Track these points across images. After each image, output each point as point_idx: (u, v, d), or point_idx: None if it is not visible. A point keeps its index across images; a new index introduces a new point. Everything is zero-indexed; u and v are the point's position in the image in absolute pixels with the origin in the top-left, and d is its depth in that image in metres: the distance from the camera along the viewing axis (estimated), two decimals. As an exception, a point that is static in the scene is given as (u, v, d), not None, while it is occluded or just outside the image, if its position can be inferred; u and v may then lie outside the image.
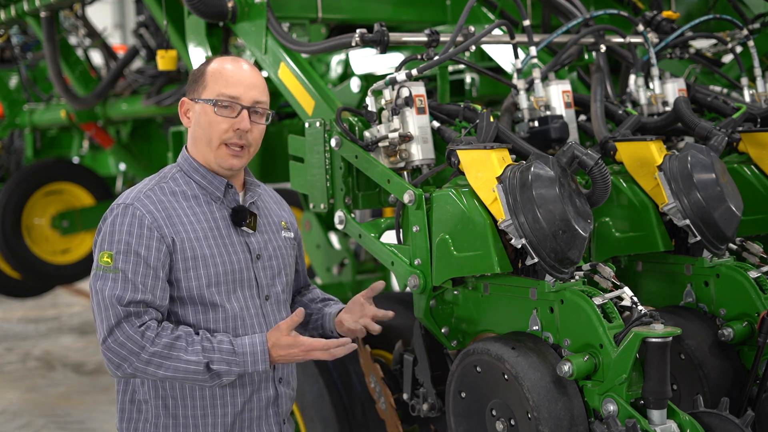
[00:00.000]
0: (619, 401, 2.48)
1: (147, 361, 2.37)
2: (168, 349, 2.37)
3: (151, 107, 6.09)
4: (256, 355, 2.43)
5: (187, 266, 2.47)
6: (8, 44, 8.26)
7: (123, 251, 2.42)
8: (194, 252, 2.47)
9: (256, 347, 2.44)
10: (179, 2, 4.17)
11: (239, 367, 2.43)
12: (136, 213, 2.45)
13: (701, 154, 3.02)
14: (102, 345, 2.40)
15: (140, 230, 2.43)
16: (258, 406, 2.58)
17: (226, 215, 2.57)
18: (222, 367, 2.41)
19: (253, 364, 2.43)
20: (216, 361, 2.40)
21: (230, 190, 2.59)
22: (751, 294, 2.96)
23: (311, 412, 3.77)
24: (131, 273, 2.40)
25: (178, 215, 2.49)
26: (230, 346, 2.42)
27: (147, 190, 2.52)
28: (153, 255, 2.43)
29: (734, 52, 3.94)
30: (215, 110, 2.51)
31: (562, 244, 2.59)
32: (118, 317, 2.37)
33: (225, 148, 2.54)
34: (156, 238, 2.44)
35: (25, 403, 6.88)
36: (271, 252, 2.65)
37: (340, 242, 5.43)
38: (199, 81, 2.56)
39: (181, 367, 2.38)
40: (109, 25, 18.04)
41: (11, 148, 8.60)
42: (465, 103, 3.27)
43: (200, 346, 2.40)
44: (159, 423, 2.51)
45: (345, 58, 5.32)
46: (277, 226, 2.72)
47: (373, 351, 3.43)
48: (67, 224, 7.85)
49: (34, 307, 10.60)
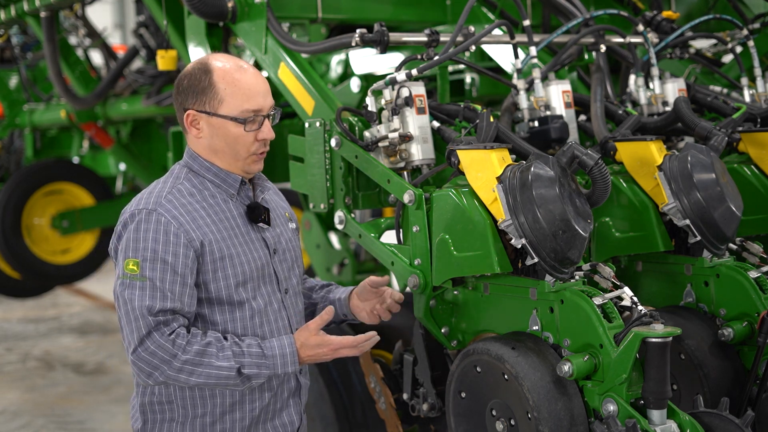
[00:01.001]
0: (619, 401, 2.48)
1: (179, 369, 2.38)
2: (200, 356, 2.38)
3: (151, 107, 6.09)
4: (285, 357, 2.44)
5: (216, 267, 2.47)
6: (8, 44, 8.25)
7: (150, 258, 2.40)
8: (222, 252, 2.47)
9: (285, 349, 2.45)
10: (179, 2, 4.17)
11: (269, 369, 2.44)
12: (161, 219, 2.43)
13: (701, 154, 3.02)
14: (132, 354, 2.38)
15: (166, 237, 2.41)
16: (281, 398, 2.61)
17: (242, 212, 2.57)
18: (252, 371, 2.42)
19: (283, 366, 2.45)
20: (247, 365, 2.41)
21: (244, 186, 2.59)
22: (751, 294, 2.96)
23: (311, 412, 3.77)
24: (159, 281, 2.38)
25: (201, 216, 2.48)
26: (259, 350, 2.43)
27: (167, 194, 2.49)
28: (180, 261, 2.41)
29: (734, 52, 3.94)
30: (245, 128, 2.49)
31: (562, 244, 2.59)
32: (149, 327, 2.36)
33: (252, 156, 2.55)
34: (183, 244, 2.42)
35: (25, 403, 6.88)
36: (284, 245, 2.66)
37: (340, 242, 5.43)
38: (209, 93, 2.49)
39: (213, 374, 2.39)
40: (109, 25, 18.03)
41: (11, 148, 8.59)
42: (465, 103, 3.27)
43: (230, 351, 2.40)
44: (186, 422, 2.52)
45: (345, 58, 5.32)
46: (283, 218, 2.72)
47: (373, 351, 3.43)
48: (67, 224, 7.85)
49: (34, 307, 10.60)
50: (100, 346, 8.60)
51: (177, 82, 2.57)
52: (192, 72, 2.54)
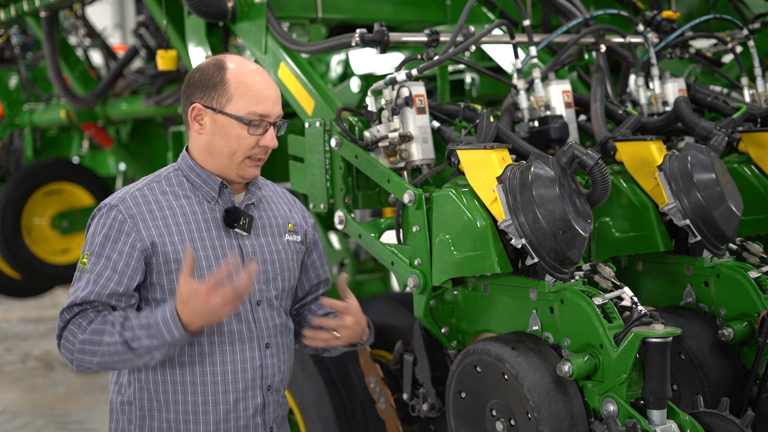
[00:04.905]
0: (619, 401, 2.48)
1: (81, 351, 2.37)
2: (95, 335, 2.35)
3: (151, 107, 6.09)
4: (167, 322, 2.32)
5: (170, 269, 2.43)
6: (8, 44, 8.25)
7: (96, 253, 2.42)
8: (177, 255, 2.43)
9: (165, 314, 2.33)
10: (179, 2, 4.17)
11: (156, 338, 2.33)
12: (117, 216, 2.43)
13: (701, 154, 3.02)
14: (59, 345, 2.43)
15: (118, 234, 2.42)
16: (245, 415, 2.52)
17: (218, 216, 2.51)
18: (142, 343, 2.33)
19: (168, 332, 2.32)
20: (135, 338, 2.33)
21: (225, 190, 2.53)
22: (751, 294, 2.96)
23: (311, 412, 3.77)
24: (96, 275, 2.40)
25: (163, 216, 2.46)
26: (145, 320, 2.35)
27: (135, 191, 2.50)
28: (123, 260, 2.40)
29: (734, 52, 3.94)
30: (248, 130, 2.47)
31: (562, 244, 2.59)
32: (65, 318, 2.40)
33: (248, 161, 2.51)
34: (130, 243, 2.41)
35: (25, 403, 6.88)
36: (267, 256, 2.57)
37: (340, 242, 5.42)
38: (219, 89, 2.47)
39: (106, 350, 2.35)
40: (109, 25, 18.01)
41: (11, 148, 8.59)
42: (465, 103, 3.27)
43: (120, 326, 2.35)
44: (144, 425, 2.49)
45: (345, 58, 5.32)
46: (281, 228, 2.63)
47: (373, 351, 3.43)
48: (67, 224, 7.85)
49: (34, 307, 10.59)
50: (100, 346, 8.59)
51: (188, 76, 2.56)
52: (205, 67, 2.53)
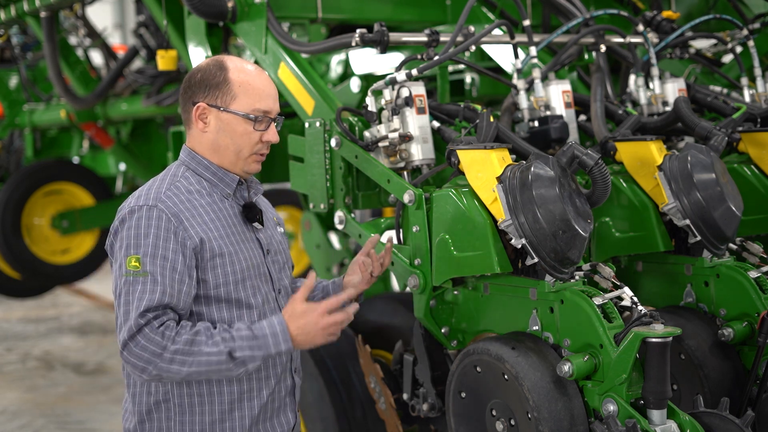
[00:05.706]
0: (619, 401, 2.48)
1: (170, 360, 2.36)
2: (189, 345, 2.36)
3: (151, 107, 6.09)
4: (277, 336, 2.41)
5: (215, 264, 2.47)
6: (8, 44, 8.25)
7: (151, 254, 2.41)
8: (221, 249, 2.48)
9: (275, 327, 2.41)
10: (179, 2, 4.18)
11: (262, 350, 2.40)
12: (162, 216, 2.44)
13: (701, 154, 3.03)
14: (123, 350, 2.38)
15: (166, 233, 2.42)
16: (279, 396, 2.61)
17: (237, 212, 2.59)
18: (245, 354, 2.39)
19: (276, 345, 2.41)
20: (238, 349, 2.38)
21: (240, 186, 2.62)
22: (751, 294, 2.96)
23: (311, 412, 3.77)
24: (159, 275, 2.39)
25: (200, 214, 2.49)
26: (250, 332, 2.41)
27: (165, 190, 2.50)
28: (179, 259, 2.42)
29: (734, 52, 3.94)
30: (254, 126, 2.54)
31: (562, 244, 2.59)
32: (140, 323, 2.36)
33: (253, 156, 2.58)
34: (181, 242, 2.43)
35: (25, 403, 6.88)
36: (276, 246, 2.68)
37: (340, 242, 5.42)
38: (222, 88, 2.53)
39: (204, 360, 2.37)
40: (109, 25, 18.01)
41: (11, 148, 8.60)
42: (465, 103, 3.27)
43: (219, 337, 2.39)
44: (185, 419, 2.51)
45: (345, 58, 5.32)
46: (273, 222, 2.75)
47: (373, 351, 3.43)
48: (67, 224, 7.84)
49: (34, 307, 10.60)
50: (100, 346, 8.59)
51: (189, 76, 2.60)
52: (207, 67, 2.58)
